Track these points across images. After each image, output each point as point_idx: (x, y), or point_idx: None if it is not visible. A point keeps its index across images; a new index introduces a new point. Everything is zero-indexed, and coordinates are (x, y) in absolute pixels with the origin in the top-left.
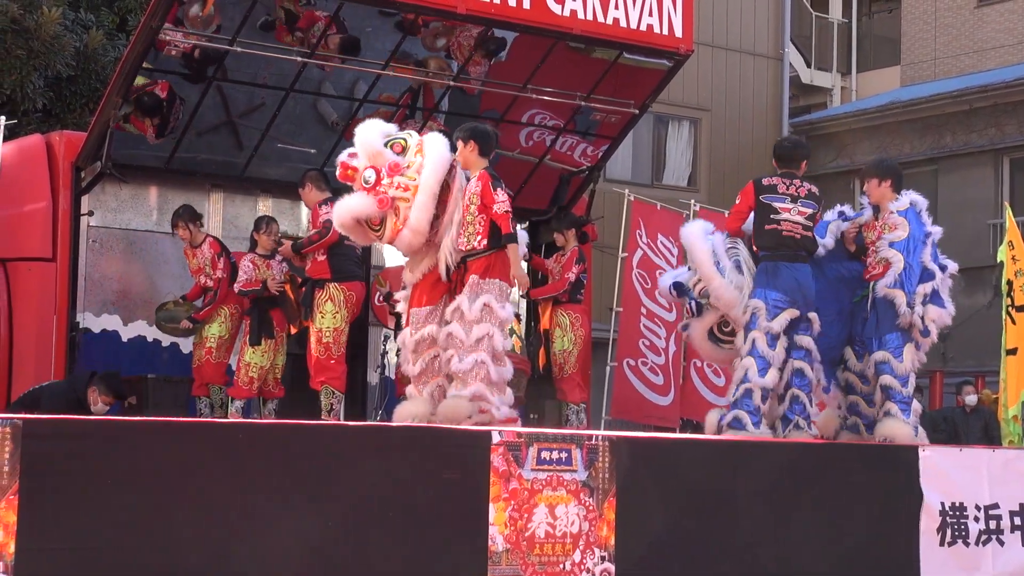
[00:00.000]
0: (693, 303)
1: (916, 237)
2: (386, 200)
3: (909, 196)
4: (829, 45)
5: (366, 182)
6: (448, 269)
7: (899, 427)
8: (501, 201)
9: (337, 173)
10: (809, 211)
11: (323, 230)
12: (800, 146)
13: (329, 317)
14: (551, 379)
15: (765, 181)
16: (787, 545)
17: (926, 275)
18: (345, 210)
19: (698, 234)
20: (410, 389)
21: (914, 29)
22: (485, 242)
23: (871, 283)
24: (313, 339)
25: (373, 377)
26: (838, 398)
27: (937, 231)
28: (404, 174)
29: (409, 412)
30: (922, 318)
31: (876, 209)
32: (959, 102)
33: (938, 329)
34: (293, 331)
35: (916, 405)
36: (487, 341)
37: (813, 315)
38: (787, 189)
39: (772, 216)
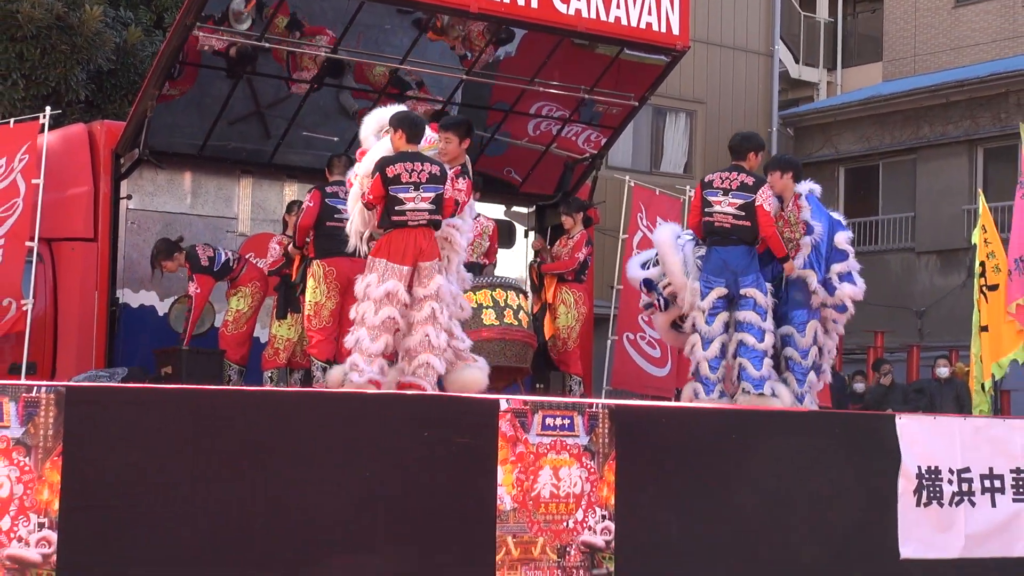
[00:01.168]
0: (661, 299)
1: (820, 220)
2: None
3: (807, 184)
4: (816, 42)
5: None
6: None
7: (786, 395)
8: (362, 183)
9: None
10: (739, 201)
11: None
12: (748, 139)
13: (310, 292)
14: (555, 352)
15: (707, 178)
16: (776, 503)
17: (839, 255)
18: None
19: (669, 242)
20: None
21: (895, 28)
22: (376, 223)
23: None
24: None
25: None
26: None
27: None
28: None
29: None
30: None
31: (780, 200)
32: (936, 96)
33: (853, 304)
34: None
35: (812, 377)
36: (359, 318)
37: (750, 290)
38: (721, 183)
39: (707, 209)
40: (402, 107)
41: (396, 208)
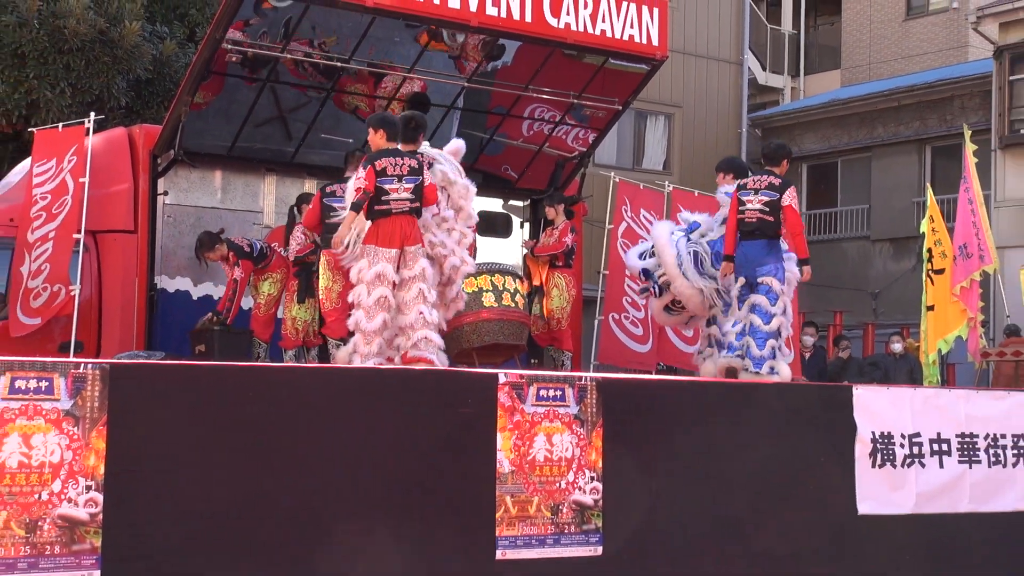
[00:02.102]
0: (656, 287)
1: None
2: None
3: (737, 183)
4: (781, 52)
5: None
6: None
7: (786, 372)
8: (358, 177)
9: None
10: (766, 199)
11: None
12: (781, 147)
13: (322, 278)
14: (548, 330)
15: (741, 182)
16: (747, 465)
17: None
18: None
19: (665, 237)
20: None
21: (852, 39)
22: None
23: None
24: None
25: None
26: None
27: None
28: None
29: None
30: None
31: None
32: (889, 100)
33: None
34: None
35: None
36: (356, 300)
37: (766, 278)
38: (753, 184)
39: (741, 208)
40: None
41: (382, 198)
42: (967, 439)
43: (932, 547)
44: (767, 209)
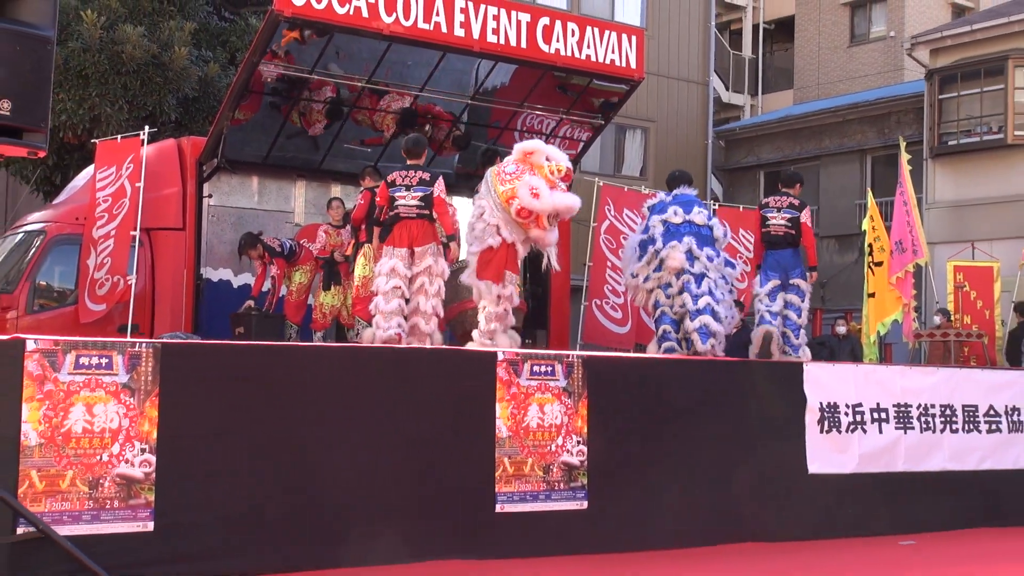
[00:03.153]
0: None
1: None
2: None
3: (760, 203)
4: (742, 74)
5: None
6: None
7: (808, 354)
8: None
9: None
10: (788, 216)
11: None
12: (797, 175)
13: (359, 267)
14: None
15: (763, 201)
16: (714, 429)
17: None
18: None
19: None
20: None
21: (803, 63)
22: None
23: None
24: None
25: None
26: None
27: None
28: None
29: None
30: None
31: None
32: (835, 115)
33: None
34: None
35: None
36: (377, 288)
37: (797, 280)
38: (775, 204)
39: (765, 224)
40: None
41: (393, 205)
42: (902, 408)
43: (873, 501)
44: (790, 224)
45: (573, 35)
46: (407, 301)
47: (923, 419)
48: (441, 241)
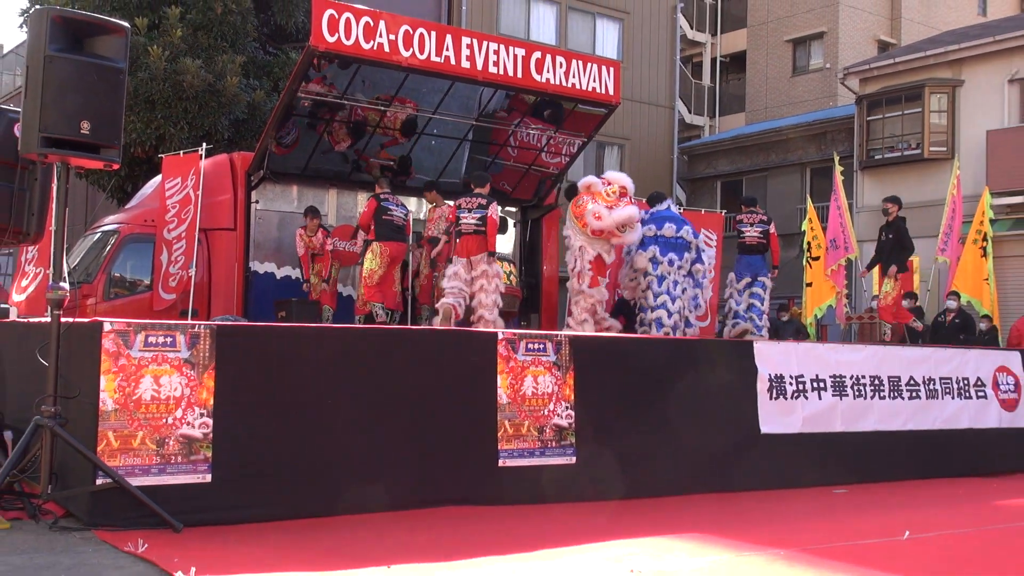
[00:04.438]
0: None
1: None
2: None
3: (737, 217)
4: (702, 99)
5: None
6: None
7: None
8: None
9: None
10: (760, 229)
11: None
12: (755, 198)
13: (367, 262)
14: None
15: (738, 217)
16: (683, 397)
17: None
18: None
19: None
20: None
21: (753, 90)
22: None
23: None
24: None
25: None
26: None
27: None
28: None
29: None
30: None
31: None
32: (780, 134)
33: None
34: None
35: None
36: (448, 285)
37: (764, 278)
38: (748, 220)
39: (740, 235)
40: (589, 178)
41: (459, 223)
42: (837, 379)
43: (815, 456)
44: (761, 236)
45: (561, 66)
46: (471, 298)
47: (855, 388)
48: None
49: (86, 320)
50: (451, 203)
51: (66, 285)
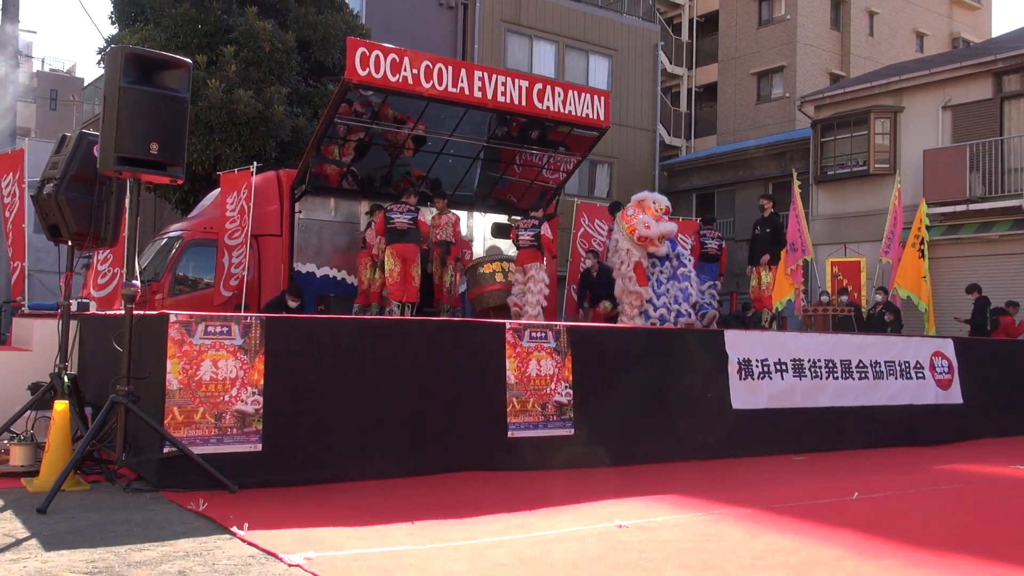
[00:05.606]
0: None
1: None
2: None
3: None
4: (680, 123)
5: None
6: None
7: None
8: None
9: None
10: (717, 243)
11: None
12: (714, 219)
13: (386, 264)
14: None
15: (701, 232)
16: (665, 378)
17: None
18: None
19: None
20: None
21: (724, 116)
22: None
23: None
24: None
25: None
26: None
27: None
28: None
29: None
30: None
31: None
32: (747, 154)
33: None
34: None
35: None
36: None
37: (716, 281)
38: (710, 235)
39: (704, 246)
40: (643, 193)
41: (518, 239)
42: (797, 362)
43: (778, 428)
44: (718, 248)
45: (559, 96)
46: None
47: (812, 369)
48: (542, 259)
49: (154, 312)
50: (455, 212)
51: (137, 283)
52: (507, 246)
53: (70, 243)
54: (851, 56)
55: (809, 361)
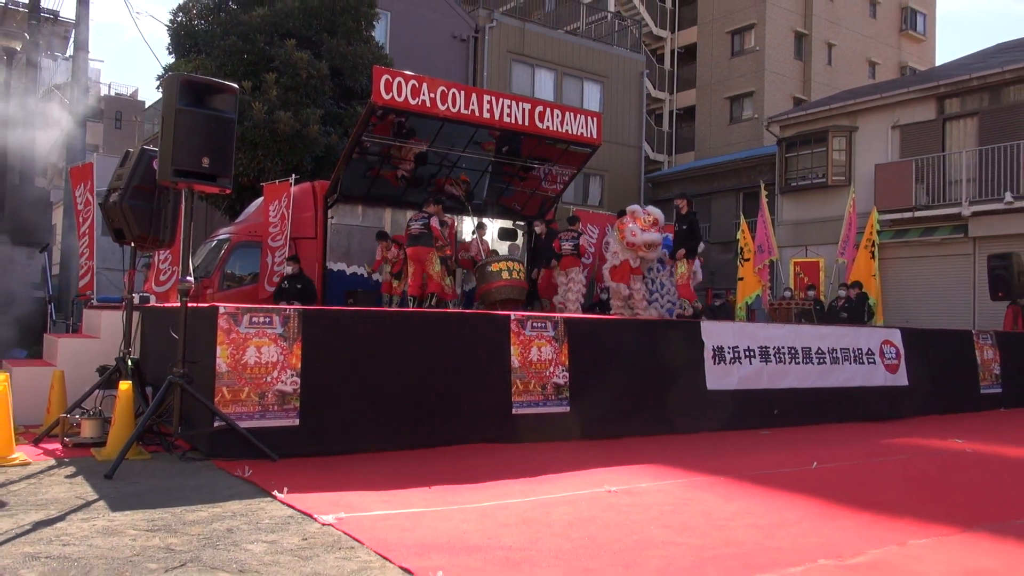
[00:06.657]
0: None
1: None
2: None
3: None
4: (663, 141)
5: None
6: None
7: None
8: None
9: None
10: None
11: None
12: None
13: (435, 266)
14: (538, 292)
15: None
16: (649, 363)
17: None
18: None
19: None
20: None
21: (702, 134)
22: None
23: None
24: None
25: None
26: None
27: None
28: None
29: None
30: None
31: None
32: (720, 168)
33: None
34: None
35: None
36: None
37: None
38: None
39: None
40: (633, 206)
41: (561, 249)
42: (764, 349)
43: (747, 407)
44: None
45: (557, 116)
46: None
47: (777, 356)
48: (581, 264)
49: (206, 305)
50: (450, 216)
51: (191, 279)
52: (511, 248)
53: (133, 244)
54: (812, 82)
55: (774, 348)
